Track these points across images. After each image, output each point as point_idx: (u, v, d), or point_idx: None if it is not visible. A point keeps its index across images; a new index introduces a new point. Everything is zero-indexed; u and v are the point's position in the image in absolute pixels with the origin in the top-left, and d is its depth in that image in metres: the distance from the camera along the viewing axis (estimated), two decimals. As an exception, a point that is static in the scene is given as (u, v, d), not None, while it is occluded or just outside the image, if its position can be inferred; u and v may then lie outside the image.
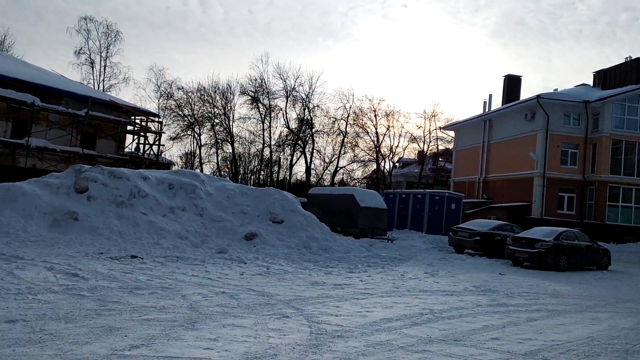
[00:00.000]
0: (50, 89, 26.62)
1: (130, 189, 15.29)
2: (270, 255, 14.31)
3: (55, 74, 31.09)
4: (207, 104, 52.14)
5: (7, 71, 25.61)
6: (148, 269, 10.34)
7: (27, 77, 26.08)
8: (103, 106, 29.04)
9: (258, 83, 50.84)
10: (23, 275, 8.33)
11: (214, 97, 51.69)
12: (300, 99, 51.30)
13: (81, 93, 27.97)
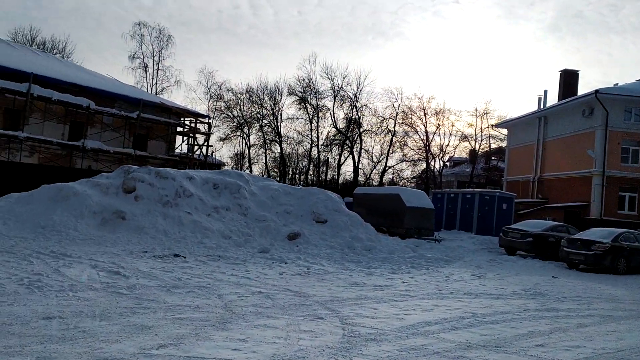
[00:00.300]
0: (104, 92, 27.53)
1: (175, 189, 15.56)
2: (312, 255, 14.22)
3: (110, 78, 32.17)
4: (256, 105, 52.78)
5: (65, 76, 26.66)
6: (189, 267, 10.44)
7: (83, 82, 27.07)
8: (154, 108, 29.80)
9: (306, 83, 51.05)
10: (68, 273, 8.56)
11: (262, 98, 52.27)
12: (347, 99, 51.11)
13: (133, 96, 28.79)
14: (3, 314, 5.81)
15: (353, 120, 51.38)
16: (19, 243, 11.37)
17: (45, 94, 24.53)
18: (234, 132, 53.93)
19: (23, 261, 9.27)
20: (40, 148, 25.52)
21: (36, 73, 24.35)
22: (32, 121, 25.17)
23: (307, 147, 54.10)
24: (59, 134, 26.26)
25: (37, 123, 25.32)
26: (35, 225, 13.04)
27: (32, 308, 6.16)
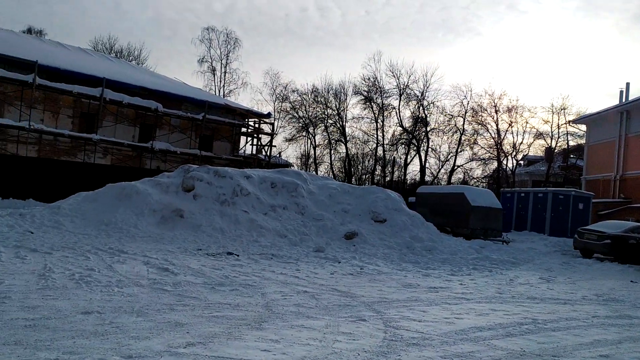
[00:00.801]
0: (171, 95, 28.38)
1: (233, 188, 15.68)
2: (369, 255, 13.87)
3: (177, 81, 33.17)
4: (321, 105, 52.87)
5: (135, 80, 27.72)
6: (239, 265, 10.40)
7: (152, 85, 28.03)
8: (219, 110, 30.41)
9: (371, 82, 50.54)
10: (119, 269, 8.70)
11: (327, 98, 52.29)
12: (414, 97, 50.11)
13: (199, 98, 29.51)
14: (46, 307, 5.90)
15: (419, 118, 50.31)
16: (81, 239, 11.78)
17: (116, 98, 25.58)
18: (300, 133, 54.31)
19: (80, 257, 9.54)
20: (112, 150, 26.65)
21: (108, 78, 25.42)
22: (105, 124, 26.33)
23: (372, 147, 53.65)
24: (130, 136, 27.32)
25: (110, 126, 26.45)
26: (99, 222, 13.50)
27: (75, 302, 6.24)
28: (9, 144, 23.33)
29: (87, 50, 32.43)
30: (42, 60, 23.83)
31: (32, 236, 11.51)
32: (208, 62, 48.52)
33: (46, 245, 10.40)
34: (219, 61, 48.74)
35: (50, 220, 13.23)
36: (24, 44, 26.71)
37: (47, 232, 12.34)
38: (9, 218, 13.18)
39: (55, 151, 24.96)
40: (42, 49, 26.99)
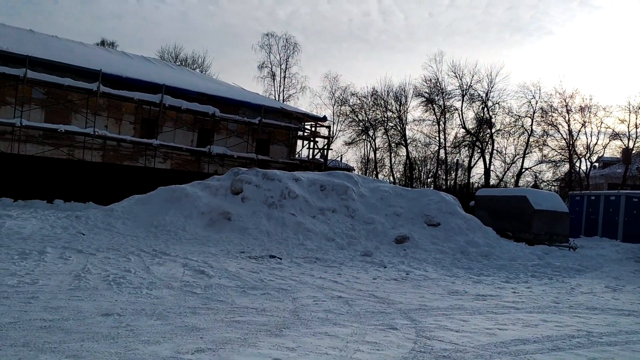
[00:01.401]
0: (229, 100, 28.82)
1: (281, 191, 15.55)
2: (419, 260, 13.31)
3: (235, 86, 33.67)
4: (381, 108, 52.26)
5: (193, 86, 28.35)
6: (279, 269, 10.18)
7: (210, 91, 28.59)
8: (275, 114, 30.58)
9: (432, 83, 49.49)
10: (156, 271, 8.69)
11: (387, 100, 51.63)
12: (477, 97, 48.54)
13: (255, 102, 29.79)
14: (68, 308, 5.88)
15: (484, 119, 48.66)
16: (129, 241, 11.97)
17: (175, 104, 26.24)
18: (360, 136, 53.93)
19: (122, 258, 9.63)
20: (172, 154, 27.35)
21: (168, 84, 26.12)
22: (165, 129, 27.06)
23: (434, 150, 52.45)
24: (189, 141, 27.95)
25: (169, 131, 27.16)
26: (149, 224, 13.72)
27: (99, 304, 6.20)
28: (75, 149, 24.40)
29: (149, 59, 33.54)
30: (106, 69, 24.79)
31: (83, 237, 11.81)
32: (268, 67, 49.17)
33: (93, 247, 10.60)
34: (279, 66, 49.23)
35: (103, 223, 13.57)
36: (90, 54, 27.92)
37: (98, 233, 12.64)
38: (66, 220, 13.63)
39: (119, 156, 25.89)
40: (107, 59, 28.13)
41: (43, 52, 24.11)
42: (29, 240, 10.71)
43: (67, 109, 24.40)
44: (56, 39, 29.25)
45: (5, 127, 22.50)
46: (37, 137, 23.51)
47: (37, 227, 12.29)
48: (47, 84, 23.32)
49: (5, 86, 22.89)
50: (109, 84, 24.80)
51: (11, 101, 22.86)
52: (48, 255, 9.15)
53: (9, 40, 24.54)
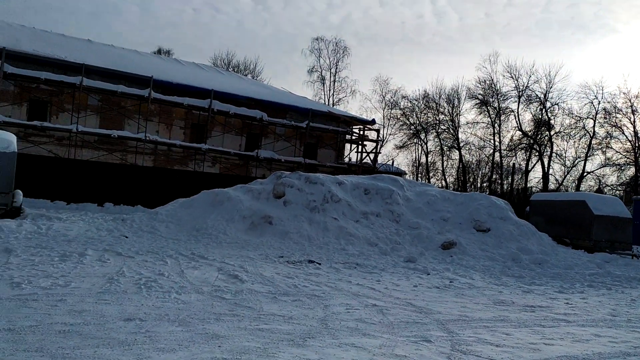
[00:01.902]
0: (276, 104, 28.89)
1: (323, 194, 15.29)
2: (465, 267, 12.73)
3: (283, 90, 33.76)
4: (433, 110, 51.26)
5: (242, 90, 28.61)
6: (316, 274, 9.91)
7: (258, 95, 28.75)
8: (323, 117, 30.43)
9: (487, 85, 48.14)
10: (189, 275, 8.60)
11: (439, 103, 50.60)
12: (535, 98, 46.76)
13: (303, 106, 29.73)
14: (92, 312, 5.81)
15: (542, 121, 46.82)
16: (169, 244, 12.01)
17: (223, 109, 26.52)
18: (411, 140, 53.09)
19: (159, 261, 9.62)
20: (220, 158, 27.66)
21: (216, 90, 26.44)
22: (214, 134, 27.40)
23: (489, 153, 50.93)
24: (237, 145, 28.19)
25: (218, 135, 27.48)
26: (191, 228, 13.76)
27: (124, 308, 6.11)
28: (128, 154, 25.05)
29: (201, 65, 34.14)
30: (158, 75, 25.35)
31: (125, 240, 11.94)
32: (317, 71, 49.18)
33: (133, 250, 10.67)
34: (328, 70, 49.16)
35: (147, 226, 13.72)
36: (144, 62, 28.65)
37: (141, 236, 12.76)
38: (112, 223, 13.88)
39: (169, 161, 26.39)
40: (159, 66, 28.80)
41: (99, 61, 24.90)
42: (72, 242, 10.90)
43: (120, 115, 25.10)
44: (112, 48, 30.22)
45: (63, 132, 23.37)
46: (92, 142, 24.29)
47: (83, 230, 12.54)
48: (102, 91, 24.06)
49: (63, 94, 23.80)
50: (160, 90, 25.34)
51: (69, 108, 23.72)
52: (87, 258, 9.24)
53: (67, 49, 25.51)
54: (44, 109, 23.78)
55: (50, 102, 23.75)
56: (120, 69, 24.77)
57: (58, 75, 22.93)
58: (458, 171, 52.54)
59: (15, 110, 22.96)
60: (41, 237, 11.13)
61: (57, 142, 23.56)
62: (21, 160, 18.02)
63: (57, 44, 26.37)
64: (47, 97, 23.63)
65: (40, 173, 18.45)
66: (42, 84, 22.98)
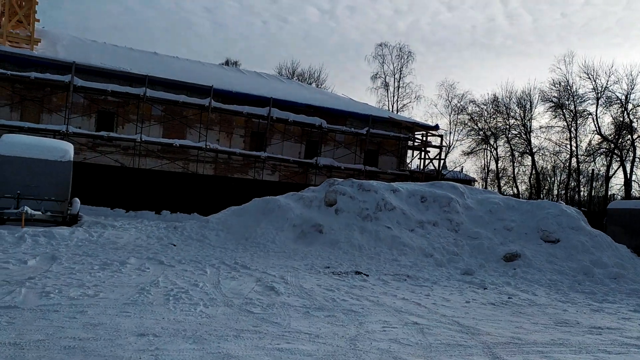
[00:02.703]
0: (336, 111, 28.53)
1: (377, 202, 14.69)
2: (529, 282, 11.72)
3: (344, 97, 33.38)
4: (503, 115, 49.17)
5: (301, 98, 28.47)
6: (360, 287, 9.34)
7: (317, 102, 28.51)
8: (384, 124, 29.76)
9: (561, 87, 45.62)
10: (225, 286, 8.29)
11: (509, 107, 48.49)
12: (615, 100, 43.78)
13: (363, 112, 29.19)
14: (108, 326, 5.57)
15: (623, 124, 43.74)
16: (215, 253, 11.83)
17: (282, 116, 26.46)
18: (479, 146, 51.17)
19: (199, 271, 9.40)
20: (280, 166, 27.61)
21: (275, 98, 26.44)
22: (274, 142, 27.41)
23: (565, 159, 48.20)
24: (296, 153, 28.06)
25: (277, 143, 27.46)
26: (240, 236, 13.57)
27: (143, 321, 5.84)
28: (190, 162, 25.49)
29: (262, 74, 34.41)
30: (218, 85, 25.66)
31: (172, 249, 11.88)
32: (381, 77, 48.48)
33: (176, 258, 10.53)
34: (392, 76, 48.34)
35: (197, 234, 13.66)
36: (206, 72, 29.18)
37: (190, 244, 12.68)
38: (164, 231, 13.93)
39: (229, 169, 26.63)
40: (220, 75, 29.22)
41: (163, 72, 25.52)
42: (119, 250, 10.93)
43: (182, 124, 25.61)
44: (176, 60, 31.04)
45: (128, 142, 24.11)
46: (156, 151, 24.91)
47: (133, 237, 12.62)
48: (165, 101, 24.63)
49: (128, 105, 24.57)
50: (220, 99, 25.64)
51: (134, 118, 24.45)
52: (128, 266, 9.15)
53: (133, 62, 26.39)
54: (111, 120, 24.64)
55: (117, 113, 24.58)
56: (183, 79, 25.26)
57: (124, 87, 23.68)
58: (530, 178, 50.05)
59: (84, 122, 23.92)
60: (90, 245, 11.25)
61: (123, 151, 24.33)
62: (84, 169, 18.66)
63: (124, 57, 27.36)
64: (114, 109, 24.47)
65: (102, 181, 18.99)
66: (109, 96, 23.80)
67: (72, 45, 26.54)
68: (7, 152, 12.35)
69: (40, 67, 22.66)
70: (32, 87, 22.72)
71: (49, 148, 12.92)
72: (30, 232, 11.28)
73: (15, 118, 22.54)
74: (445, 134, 50.24)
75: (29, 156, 12.47)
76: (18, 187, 12.32)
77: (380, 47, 48.71)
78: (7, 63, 22.13)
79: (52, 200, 12.77)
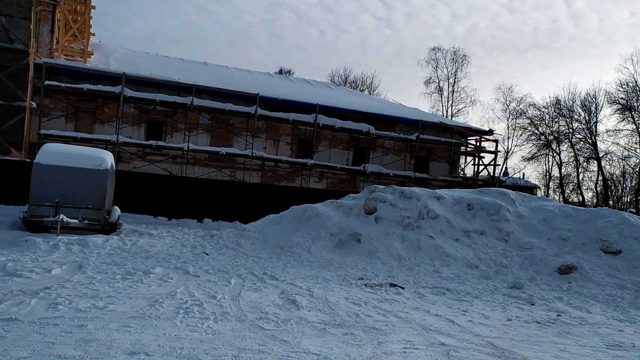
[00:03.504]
0: (384, 116, 27.81)
1: (419, 210, 13.94)
2: (585, 297, 10.68)
3: (393, 102, 32.62)
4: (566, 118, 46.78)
5: (348, 104, 27.95)
6: (391, 301, 8.69)
7: (365, 108, 27.92)
8: (435, 129, 28.78)
9: (630, 88, 42.91)
10: (244, 298, 7.89)
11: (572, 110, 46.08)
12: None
13: (412, 118, 28.32)
14: (101, 342, 5.25)
15: None
16: (247, 262, 11.49)
17: (329, 123, 26.04)
18: (541, 151, 48.88)
19: (223, 282, 9.05)
20: (327, 174, 27.18)
21: (322, 104, 26.07)
22: (321, 149, 27.03)
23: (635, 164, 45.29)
24: (344, 160, 27.55)
25: (324, 150, 27.06)
26: (276, 245, 13.19)
27: (140, 338, 5.49)
28: (237, 171, 25.50)
29: (309, 81, 34.19)
30: (264, 92, 25.57)
31: (204, 258, 11.63)
32: (435, 82, 47.26)
33: (204, 268, 10.25)
34: (446, 80, 47.03)
35: (233, 242, 13.39)
36: (252, 80, 29.21)
37: (223, 253, 12.41)
38: (200, 239, 13.75)
39: (276, 177, 26.45)
40: (267, 83, 29.18)
41: (210, 81, 25.70)
42: (149, 259, 10.78)
43: (229, 133, 25.67)
44: (225, 69, 31.29)
45: (176, 151, 24.38)
46: (203, 159, 25.07)
47: (167, 246, 12.49)
48: (211, 110, 24.77)
49: (177, 114, 24.88)
50: (266, 106, 25.55)
51: (182, 127, 24.73)
52: (151, 276, 8.93)
53: (183, 72, 26.73)
54: (160, 129, 25.01)
55: (166, 122, 24.92)
56: (230, 87, 25.32)
57: (171, 97, 23.97)
58: (597, 184, 47.34)
59: (134, 131, 24.38)
60: (122, 254, 11.16)
61: (171, 160, 24.63)
62: (129, 178, 18.88)
63: (173, 67, 27.78)
64: (163, 118, 24.82)
65: (146, 190, 19.15)
66: (158, 106, 24.17)
67: (124, 57, 27.22)
68: (46, 161, 12.56)
69: (93, 79, 23.30)
70: (85, 98, 23.37)
71: (86, 157, 13.06)
72: (65, 240, 11.33)
73: (69, 129, 23.24)
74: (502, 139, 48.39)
75: (67, 165, 12.63)
76: (56, 196, 12.49)
77: (433, 51, 47.55)
78: (62, 76, 22.89)
79: (89, 208, 12.87)
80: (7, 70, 21.12)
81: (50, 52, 23.18)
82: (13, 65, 21.26)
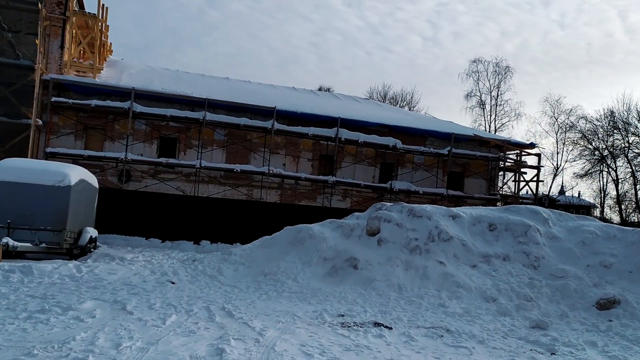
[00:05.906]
0: (412, 130, 25.73)
1: (429, 231, 11.89)
2: (628, 341, 8.37)
3: (423, 115, 30.54)
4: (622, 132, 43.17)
5: (372, 117, 26.05)
6: (365, 346, 6.70)
7: (391, 121, 25.96)
8: (469, 143, 26.45)
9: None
10: (161, 347, 6.15)
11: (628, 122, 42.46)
12: None
13: (443, 131, 26.12)
14: None
15: None
16: (216, 294, 9.75)
17: (352, 137, 24.21)
18: (595, 167, 45.26)
19: (157, 321, 7.32)
20: (351, 192, 25.27)
21: (344, 117, 24.32)
22: (344, 165, 25.20)
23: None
24: (370, 177, 25.59)
25: (348, 166, 25.21)
26: (259, 272, 11.42)
27: None
28: (254, 189, 23.99)
29: (336, 95, 32.60)
30: (283, 105, 24.10)
31: (166, 287, 9.98)
32: (476, 95, 44.68)
33: (151, 302, 8.55)
34: (489, 94, 44.38)
35: (213, 268, 11.72)
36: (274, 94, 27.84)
37: (194, 282, 10.73)
38: (178, 264, 12.16)
39: (296, 195, 24.76)
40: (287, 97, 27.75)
41: (228, 96, 24.46)
42: (95, 290, 9.21)
43: (245, 149, 24.25)
44: (247, 84, 30.09)
45: (189, 169, 23.12)
46: (218, 178, 23.70)
47: (131, 273, 10.91)
48: (225, 125, 23.43)
49: (190, 130, 23.70)
50: (285, 121, 24.03)
51: (196, 144, 23.51)
52: (69, 314, 7.31)
53: (201, 87, 25.59)
54: (173, 146, 23.85)
55: (179, 138, 23.76)
56: (245, 101, 23.97)
57: (183, 112, 22.83)
58: (658, 201, 43.23)
59: (146, 148, 23.31)
60: (65, 284, 9.58)
61: (184, 178, 23.36)
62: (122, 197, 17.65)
63: (191, 83, 26.73)
64: (175, 134, 23.68)
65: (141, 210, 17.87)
66: (170, 121, 23.05)
67: (138, 73, 26.40)
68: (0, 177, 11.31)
69: (102, 94, 22.45)
70: (95, 115, 22.52)
71: (47, 172, 11.73)
72: (6, 267, 9.92)
73: (79, 146, 22.40)
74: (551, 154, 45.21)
75: (22, 181, 11.34)
76: (10, 216, 11.20)
77: (474, 63, 45.00)
78: (71, 92, 22.15)
79: (47, 230, 11.49)
80: (14, 86, 20.54)
81: (60, 67, 22.56)
82: (19, 81, 20.68)
